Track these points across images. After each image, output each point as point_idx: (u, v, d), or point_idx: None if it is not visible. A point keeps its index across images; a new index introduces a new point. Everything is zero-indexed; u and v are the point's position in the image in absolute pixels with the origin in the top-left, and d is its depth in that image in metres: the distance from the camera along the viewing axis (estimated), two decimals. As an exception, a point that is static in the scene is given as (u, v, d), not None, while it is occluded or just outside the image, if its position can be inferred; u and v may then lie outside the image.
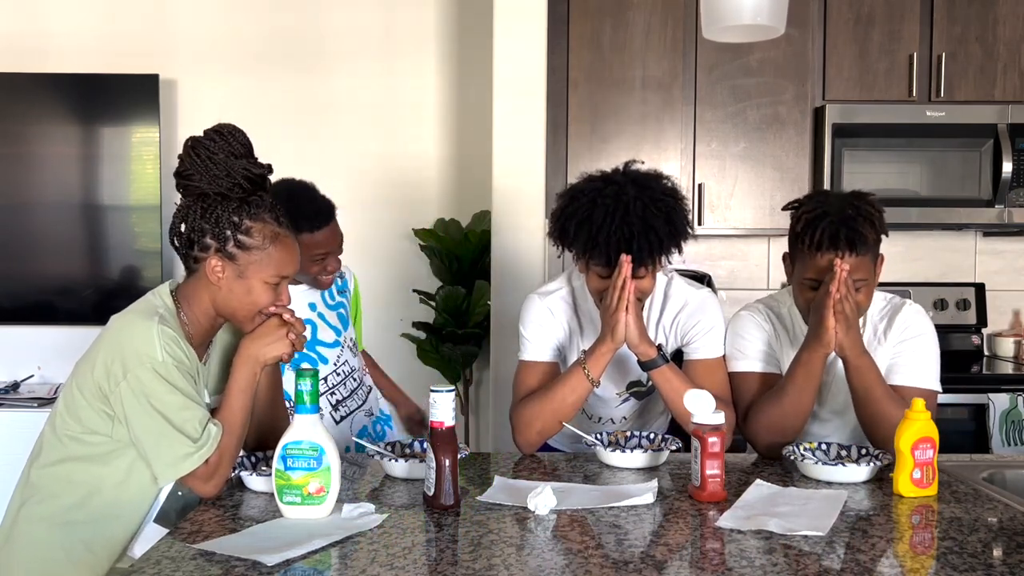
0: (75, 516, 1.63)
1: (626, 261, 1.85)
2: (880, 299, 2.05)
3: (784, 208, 2.06)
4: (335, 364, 2.24)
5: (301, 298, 2.22)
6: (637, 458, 1.87)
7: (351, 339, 2.32)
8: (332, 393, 2.24)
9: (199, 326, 1.70)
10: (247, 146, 1.69)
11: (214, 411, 1.68)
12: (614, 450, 1.89)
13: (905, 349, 1.99)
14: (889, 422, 1.82)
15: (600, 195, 1.88)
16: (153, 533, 1.64)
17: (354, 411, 2.27)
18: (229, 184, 1.64)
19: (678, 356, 2.09)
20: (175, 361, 1.58)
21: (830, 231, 1.87)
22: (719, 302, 2.10)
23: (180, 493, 1.67)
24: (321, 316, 2.25)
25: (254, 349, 1.67)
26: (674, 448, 1.94)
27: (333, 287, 2.30)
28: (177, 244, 1.68)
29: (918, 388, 1.95)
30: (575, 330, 2.11)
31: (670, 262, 1.97)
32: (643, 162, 1.99)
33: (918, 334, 1.99)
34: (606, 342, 1.91)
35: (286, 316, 1.69)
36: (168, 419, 1.56)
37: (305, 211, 2.10)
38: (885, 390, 1.89)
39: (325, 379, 2.22)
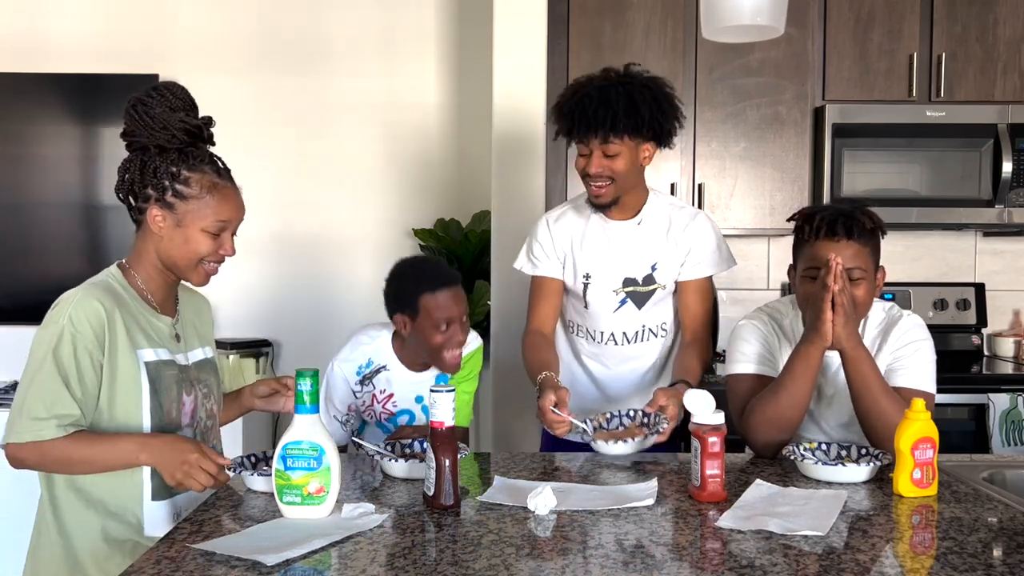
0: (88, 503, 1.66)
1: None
2: (879, 309, 2.06)
3: (789, 219, 2.08)
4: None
5: (411, 389, 2.19)
6: (625, 447, 1.94)
7: None
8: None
9: (153, 282, 1.73)
10: (186, 100, 1.71)
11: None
12: (606, 440, 1.97)
13: (903, 354, 2.00)
14: (886, 417, 1.84)
15: (581, 79, 2.19)
16: (157, 511, 1.67)
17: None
18: (167, 137, 1.67)
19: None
20: (75, 331, 1.59)
21: (828, 219, 1.94)
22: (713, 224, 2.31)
23: None
24: (424, 410, 2.18)
25: (165, 462, 1.60)
26: (664, 427, 1.98)
27: (449, 376, 2.19)
28: (122, 198, 1.72)
29: (916, 390, 1.95)
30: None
31: (635, 145, 2.14)
32: (639, 64, 2.23)
33: (915, 339, 2.01)
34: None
35: (217, 477, 1.60)
36: (30, 385, 1.59)
37: (428, 273, 2.12)
38: (882, 385, 1.90)
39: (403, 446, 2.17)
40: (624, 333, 2.30)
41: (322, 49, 3.87)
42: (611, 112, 2.08)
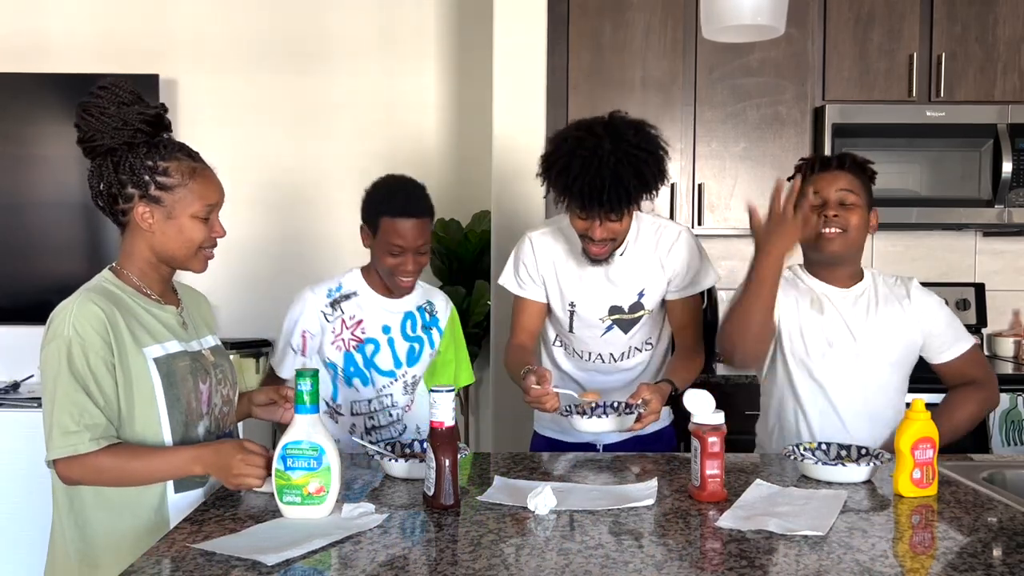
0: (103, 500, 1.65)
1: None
2: (884, 273, 2.21)
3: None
4: (378, 391, 2.22)
5: (380, 315, 2.21)
6: (606, 423, 2.04)
7: (413, 376, 2.26)
8: (370, 417, 2.23)
9: (148, 278, 1.72)
10: (134, 93, 1.69)
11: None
12: (588, 416, 2.06)
13: (936, 326, 2.13)
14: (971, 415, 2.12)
15: (579, 146, 2.04)
16: (182, 501, 1.66)
17: (384, 440, 2.20)
18: (130, 132, 1.65)
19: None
20: (81, 340, 1.57)
21: (823, 157, 2.20)
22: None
23: None
24: (390, 342, 2.21)
25: (217, 472, 1.61)
26: (639, 411, 2.03)
27: (419, 320, 2.27)
28: (101, 205, 1.69)
29: (968, 350, 2.14)
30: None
31: (640, 209, 2.16)
32: (626, 112, 2.12)
33: (937, 305, 2.15)
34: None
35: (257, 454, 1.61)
36: (52, 402, 1.58)
37: (397, 197, 2.12)
38: (954, 417, 2.09)
39: (369, 402, 2.21)
40: (611, 354, 2.29)
41: (322, 49, 3.86)
42: (624, 192, 2.02)
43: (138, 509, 1.64)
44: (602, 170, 2.00)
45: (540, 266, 2.28)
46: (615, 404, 2.10)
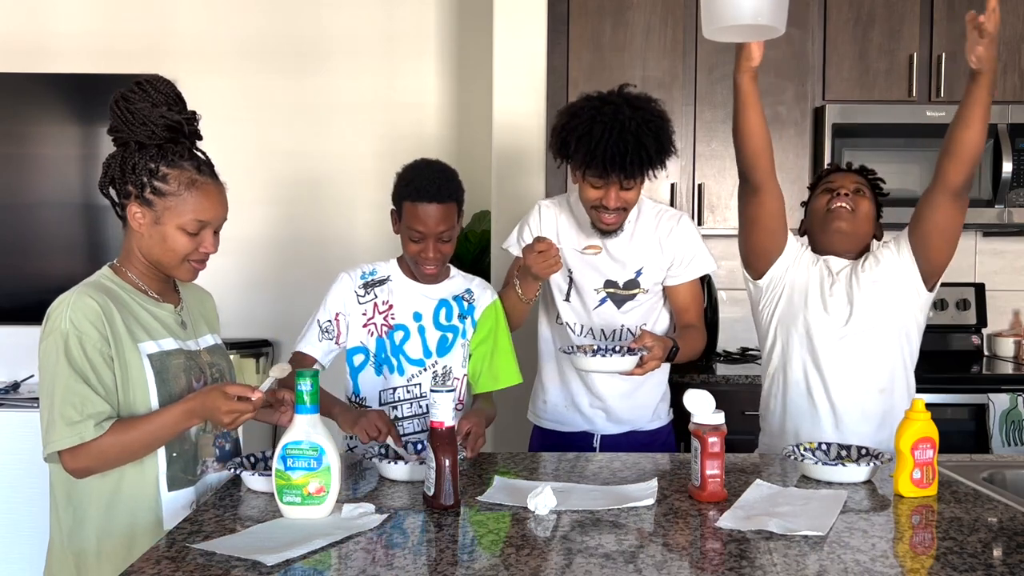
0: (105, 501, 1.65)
1: None
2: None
3: (810, 186, 2.37)
4: (407, 381, 2.15)
5: (411, 302, 2.16)
6: (609, 362, 2.03)
7: (444, 367, 2.16)
8: (394, 407, 2.14)
9: (146, 277, 1.74)
10: (169, 95, 1.70)
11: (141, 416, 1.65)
12: (592, 355, 2.07)
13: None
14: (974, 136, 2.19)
15: (599, 113, 2.09)
16: (176, 500, 1.67)
17: (407, 435, 2.14)
18: (147, 133, 1.66)
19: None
20: (78, 332, 1.58)
21: (838, 164, 2.40)
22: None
23: (175, 455, 1.68)
24: (420, 330, 2.15)
25: (211, 415, 1.62)
26: (639, 355, 2.03)
27: (455, 308, 2.18)
28: (104, 193, 1.71)
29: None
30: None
31: (655, 177, 2.18)
32: (635, 86, 2.18)
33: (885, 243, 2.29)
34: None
35: (254, 397, 1.62)
36: (53, 394, 1.58)
37: (418, 181, 2.09)
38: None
39: (395, 391, 2.15)
40: (602, 330, 2.32)
41: (322, 49, 3.87)
42: (647, 155, 2.08)
43: (132, 507, 1.65)
44: (624, 135, 2.06)
45: (544, 231, 2.34)
46: (617, 347, 2.14)
